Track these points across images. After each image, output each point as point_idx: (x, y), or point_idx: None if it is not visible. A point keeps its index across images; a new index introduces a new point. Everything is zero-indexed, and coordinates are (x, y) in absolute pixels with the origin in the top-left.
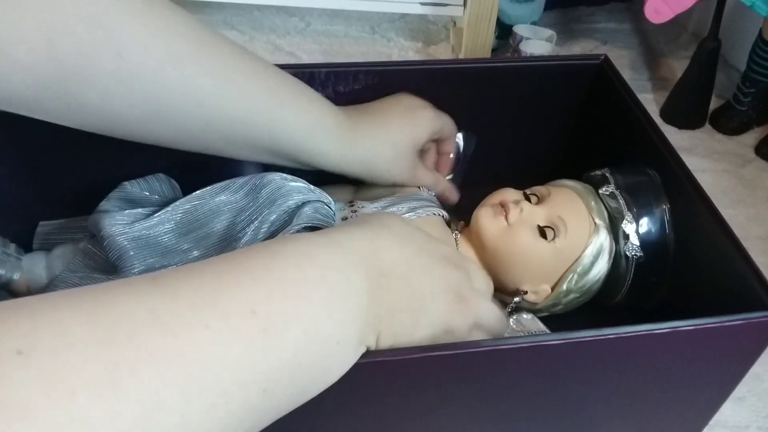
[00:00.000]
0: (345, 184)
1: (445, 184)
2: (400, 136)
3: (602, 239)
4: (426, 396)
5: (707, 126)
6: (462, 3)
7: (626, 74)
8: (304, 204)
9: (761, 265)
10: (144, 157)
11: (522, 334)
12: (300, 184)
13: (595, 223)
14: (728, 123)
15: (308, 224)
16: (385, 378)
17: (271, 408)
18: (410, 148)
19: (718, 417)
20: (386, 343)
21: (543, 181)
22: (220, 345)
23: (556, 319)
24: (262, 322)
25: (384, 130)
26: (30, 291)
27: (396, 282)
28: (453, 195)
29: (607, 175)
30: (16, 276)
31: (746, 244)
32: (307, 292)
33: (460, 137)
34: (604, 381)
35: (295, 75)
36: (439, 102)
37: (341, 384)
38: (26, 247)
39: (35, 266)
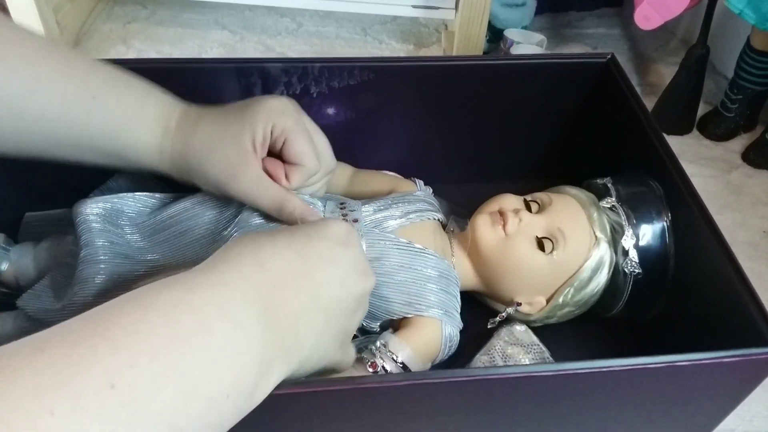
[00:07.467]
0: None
1: (294, 203)
2: (226, 129)
3: (602, 252)
4: (415, 425)
5: (695, 132)
6: (453, 6)
7: None
8: None
9: (748, 270)
10: None
11: (513, 347)
12: None
13: (596, 236)
14: (716, 129)
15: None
16: (371, 405)
17: None
18: (236, 143)
19: None
20: (305, 347)
21: (540, 179)
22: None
23: (549, 328)
24: (124, 395)
25: (214, 124)
26: (18, 281)
27: (294, 282)
28: (306, 215)
29: (609, 185)
30: (4, 267)
31: (733, 249)
32: (183, 347)
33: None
34: (595, 411)
35: (288, 69)
36: (435, 100)
37: (332, 408)
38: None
39: (23, 258)
